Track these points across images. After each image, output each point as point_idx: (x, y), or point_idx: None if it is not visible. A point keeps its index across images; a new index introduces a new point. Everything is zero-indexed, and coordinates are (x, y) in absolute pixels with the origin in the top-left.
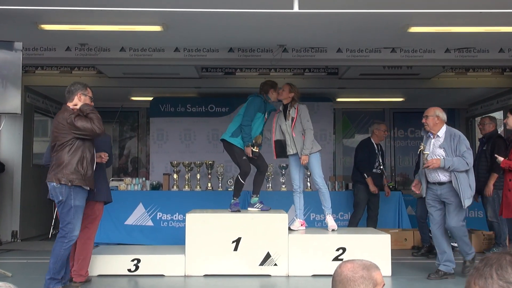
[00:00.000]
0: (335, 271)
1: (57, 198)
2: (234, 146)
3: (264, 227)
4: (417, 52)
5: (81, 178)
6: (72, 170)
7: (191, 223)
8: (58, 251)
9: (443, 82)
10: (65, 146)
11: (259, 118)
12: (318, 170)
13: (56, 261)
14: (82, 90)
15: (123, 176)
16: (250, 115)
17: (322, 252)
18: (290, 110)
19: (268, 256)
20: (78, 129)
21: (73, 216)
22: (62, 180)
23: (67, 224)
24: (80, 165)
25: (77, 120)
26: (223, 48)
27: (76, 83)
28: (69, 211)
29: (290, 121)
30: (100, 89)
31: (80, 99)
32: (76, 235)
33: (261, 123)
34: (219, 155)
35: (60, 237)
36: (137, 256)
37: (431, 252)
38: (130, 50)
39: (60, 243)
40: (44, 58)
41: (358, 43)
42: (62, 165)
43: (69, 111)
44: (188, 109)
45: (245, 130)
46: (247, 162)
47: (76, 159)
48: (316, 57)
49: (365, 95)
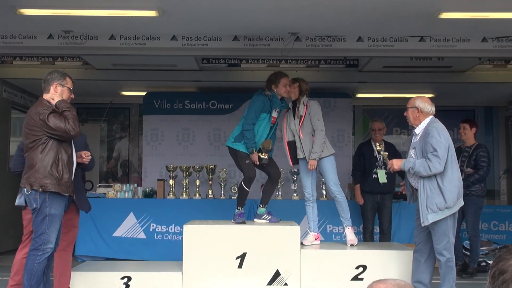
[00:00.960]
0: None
1: (31, 206)
2: (238, 151)
3: (272, 241)
4: (449, 42)
5: (56, 183)
6: (46, 174)
7: (189, 236)
8: (31, 265)
9: (479, 75)
10: (37, 145)
11: (264, 119)
12: (333, 176)
13: (30, 277)
14: (59, 79)
15: (112, 182)
16: (251, 117)
17: (339, 271)
18: (299, 106)
19: (277, 275)
20: (50, 128)
21: (48, 226)
22: (34, 185)
23: (41, 235)
24: (54, 168)
25: (50, 118)
26: (227, 36)
27: (54, 71)
28: (43, 220)
29: (298, 120)
30: (86, 82)
31: (56, 90)
32: (51, 248)
33: (267, 125)
34: (222, 159)
35: (33, 249)
36: (128, 273)
37: (465, 272)
38: (120, 38)
39: (33, 256)
40: (23, 47)
41: (382, 31)
42: (34, 168)
43: (44, 105)
44: (186, 106)
45: (247, 135)
46: (251, 167)
47: (49, 161)
48: (333, 46)
49: (389, 90)
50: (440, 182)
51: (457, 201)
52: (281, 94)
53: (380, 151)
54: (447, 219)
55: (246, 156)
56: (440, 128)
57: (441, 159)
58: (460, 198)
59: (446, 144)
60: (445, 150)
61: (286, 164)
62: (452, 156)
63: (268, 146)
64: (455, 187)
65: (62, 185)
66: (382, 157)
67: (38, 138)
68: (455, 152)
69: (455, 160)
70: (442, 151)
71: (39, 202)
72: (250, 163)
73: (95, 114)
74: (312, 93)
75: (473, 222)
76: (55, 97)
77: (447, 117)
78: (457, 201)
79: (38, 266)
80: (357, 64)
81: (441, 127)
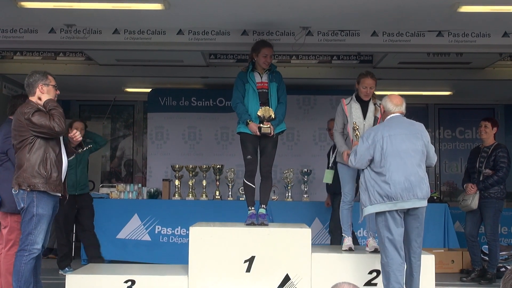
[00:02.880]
0: None
1: (19, 205)
2: (241, 140)
3: (282, 244)
4: (468, 37)
5: (44, 182)
6: (34, 173)
7: (195, 238)
8: (19, 266)
9: (499, 72)
10: (24, 145)
11: (247, 90)
12: None
13: (18, 279)
14: (42, 80)
15: (115, 182)
16: (233, 97)
17: (351, 276)
18: (373, 106)
19: (287, 279)
20: (35, 126)
21: (35, 226)
22: (22, 185)
23: (28, 235)
24: (42, 167)
25: (34, 115)
26: (235, 31)
27: (34, 73)
28: (30, 220)
29: (372, 121)
30: (89, 78)
31: (42, 91)
32: (38, 248)
33: (253, 94)
34: (229, 158)
35: (20, 250)
36: (131, 277)
37: (483, 277)
38: (125, 33)
39: (20, 257)
40: (24, 42)
41: (398, 25)
42: (22, 168)
43: (29, 106)
44: (193, 103)
45: (236, 111)
46: (249, 161)
47: (37, 160)
48: (346, 41)
49: (405, 87)
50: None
51: (385, 203)
52: (260, 64)
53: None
54: (377, 218)
55: (245, 150)
56: (376, 128)
57: (357, 154)
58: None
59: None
60: (361, 147)
61: (297, 164)
62: (384, 159)
63: (266, 114)
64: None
65: (51, 184)
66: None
67: (25, 138)
68: (402, 149)
69: (385, 162)
70: (359, 146)
71: (26, 201)
72: (249, 158)
73: (98, 112)
74: (324, 90)
75: (492, 225)
76: (43, 97)
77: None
78: (385, 203)
79: (25, 266)
80: (372, 60)
81: (384, 124)
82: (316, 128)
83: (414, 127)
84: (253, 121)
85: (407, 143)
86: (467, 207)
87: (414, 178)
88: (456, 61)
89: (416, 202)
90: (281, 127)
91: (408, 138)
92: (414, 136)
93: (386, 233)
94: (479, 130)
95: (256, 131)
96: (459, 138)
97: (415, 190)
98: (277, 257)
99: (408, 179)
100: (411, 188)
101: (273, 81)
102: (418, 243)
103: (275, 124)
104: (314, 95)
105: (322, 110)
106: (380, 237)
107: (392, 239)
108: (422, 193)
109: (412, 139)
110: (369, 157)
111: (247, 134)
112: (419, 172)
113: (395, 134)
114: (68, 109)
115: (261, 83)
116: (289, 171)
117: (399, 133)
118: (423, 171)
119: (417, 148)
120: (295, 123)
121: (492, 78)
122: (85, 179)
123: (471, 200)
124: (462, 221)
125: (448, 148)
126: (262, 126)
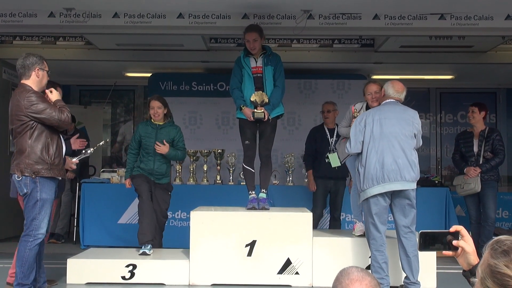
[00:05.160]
0: None
1: (21, 191)
2: (239, 125)
3: (283, 229)
4: (471, 20)
5: (48, 168)
6: (37, 160)
7: (196, 222)
8: (23, 252)
9: (502, 56)
10: (24, 130)
11: (244, 76)
12: None
13: (22, 264)
14: (39, 64)
15: (116, 166)
16: (231, 83)
17: (353, 260)
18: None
19: (288, 263)
20: (38, 112)
21: (39, 211)
22: (25, 171)
23: (32, 221)
24: (46, 153)
25: (39, 102)
26: (236, 14)
27: (30, 55)
28: (34, 206)
29: None
30: (89, 63)
31: (38, 75)
32: (42, 233)
33: (249, 78)
34: (230, 143)
35: (25, 235)
36: (133, 261)
37: None
38: (125, 16)
39: (25, 242)
40: (23, 26)
41: (399, 8)
42: (24, 154)
43: (28, 90)
44: (193, 88)
45: (232, 96)
46: (247, 146)
47: (40, 146)
48: (348, 25)
49: (407, 71)
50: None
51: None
52: (249, 49)
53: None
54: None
55: (243, 136)
56: (369, 111)
57: (351, 140)
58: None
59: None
60: (354, 130)
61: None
62: (373, 141)
63: (259, 99)
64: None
65: (54, 169)
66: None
67: (24, 123)
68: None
69: (374, 144)
70: (352, 128)
71: (29, 187)
72: (247, 144)
73: (98, 97)
74: (325, 74)
75: (494, 207)
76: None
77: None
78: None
79: (30, 252)
80: (373, 43)
81: (377, 108)
82: (317, 113)
83: (406, 113)
84: (249, 106)
85: (397, 127)
86: (471, 191)
87: (402, 161)
88: (458, 44)
89: (405, 184)
90: (278, 111)
91: (398, 122)
92: (404, 121)
93: (370, 218)
94: (468, 115)
95: (250, 116)
96: (461, 123)
97: (403, 173)
98: (278, 241)
99: (396, 162)
100: (398, 170)
101: (269, 64)
102: (407, 223)
103: (269, 109)
104: (315, 79)
105: (323, 94)
106: (366, 221)
107: (374, 223)
108: (410, 176)
109: (402, 123)
110: (361, 139)
111: (245, 119)
112: (407, 156)
113: (385, 117)
114: (68, 94)
115: (255, 68)
116: (290, 155)
117: (390, 117)
118: (412, 155)
119: (406, 133)
120: (296, 107)
121: (494, 62)
122: None
123: (475, 183)
124: (463, 205)
125: (450, 132)
126: (255, 111)
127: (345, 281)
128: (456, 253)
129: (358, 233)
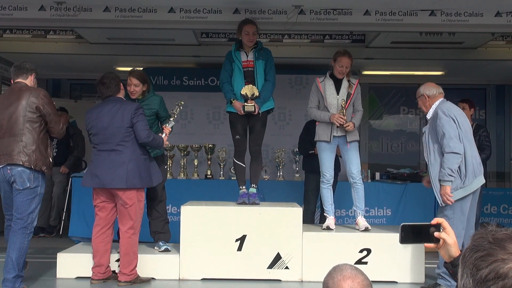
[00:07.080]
0: None
1: (23, 184)
2: (229, 120)
3: (273, 223)
4: (461, 16)
5: (49, 166)
6: (45, 155)
7: (187, 217)
8: (21, 243)
9: (492, 52)
10: (37, 123)
11: (234, 69)
12: (357, 162)
13: (20, 256)
14: (35, 73)
15: None
16: (221, 76)
17: (342, 254)
18: (347, 83)
19: (278, 258)
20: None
21: (36, 206)
22: (36, 166)
23: (30, 214)
24: (49, 151)
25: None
26: (227, 9)
27: (28, 62)
28: (33, 199)
29: (346, 97)
30: (80, 57)
31: (33, 82)
32: (35, 226)
33: (239, 72)
34: (221, 138)
35: (22, 227)
36: None
37: None
38: (116, 10)
39: (23, 234)
40: (14, 19)
41: (390, 4)
42: (34, 147)
43: (42, 89)
44: (184, 82)
45: (222, 89)
46: (238, 141)
47: (45, 143)
48: (339, 20)
49: (397, 67)
50: None
51: (474, 179)
52: (244, 42)
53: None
54: (464, 200)
55: (234, 130)
56: (447, 108)
57: (453, 138)
58: (478, 176)
59: (451, 123)
60: (451, 128)
61: (289, 144)
62: (465, 134)
63: (249, 92)
64: (469, 164)
65: (50, 168)
66: None
67: (38, 115)
68: (469, 129)
69: (468, 137)
70: (448, 129)
71: (33, 182)
72: (238, 138)
73: (89, 91)
74: (316, 70)
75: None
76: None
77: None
78: (474, 179)
79: (27, 244)
80: (364, 39)
81: (447, 106)
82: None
83: None
84: (239, 100)
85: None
86: None
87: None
88: (449, 40)
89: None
90: (268, 105)
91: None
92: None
93: (462, 216)
94: None
95: (240, 110)
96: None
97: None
98: (268, 236)
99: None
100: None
101: (260, 58)
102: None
103: (259, 102)
104: (306, 75)
105: None
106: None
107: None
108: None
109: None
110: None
111: (235, 114)
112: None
113: (456, 114)
114: (58, 88)
115: (246, 62)
116: (281, 150)
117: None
118: None
119: None
120: (287, 102)
121: (484, 58)
122: None
123: None
124: None
125: None
126: (245, 104)
127: (338, 277)
128: (438, 245)
129: (326, 226)
